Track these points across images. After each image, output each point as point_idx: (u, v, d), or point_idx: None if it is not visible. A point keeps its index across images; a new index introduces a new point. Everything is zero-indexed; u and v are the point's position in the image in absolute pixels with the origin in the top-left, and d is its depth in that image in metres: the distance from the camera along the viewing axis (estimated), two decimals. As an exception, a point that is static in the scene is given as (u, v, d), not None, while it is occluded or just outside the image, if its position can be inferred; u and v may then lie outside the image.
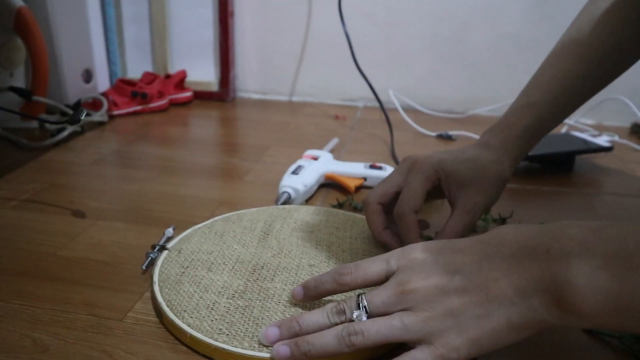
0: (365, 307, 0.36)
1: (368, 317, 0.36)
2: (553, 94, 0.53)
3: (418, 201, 0.49)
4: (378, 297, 0.36)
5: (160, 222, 0.60)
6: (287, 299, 0.43)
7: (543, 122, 0.54)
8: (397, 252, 0.39)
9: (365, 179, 0.71)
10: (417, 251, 0.38)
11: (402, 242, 0.49)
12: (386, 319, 0.35)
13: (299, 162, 0.71)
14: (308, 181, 0.67)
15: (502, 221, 0.62)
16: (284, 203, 0.64)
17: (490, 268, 0.34)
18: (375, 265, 0.38)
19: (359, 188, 0.71)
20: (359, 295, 0.37)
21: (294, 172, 0.68)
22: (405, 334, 0.34)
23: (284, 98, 1.30)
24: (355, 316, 0.36)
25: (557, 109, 0.54)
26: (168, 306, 0.43)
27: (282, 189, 0.65)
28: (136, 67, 1.27)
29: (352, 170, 0.72)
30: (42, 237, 0.56)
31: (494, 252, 0.34)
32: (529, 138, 0.54)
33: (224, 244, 0.52)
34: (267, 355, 0.37)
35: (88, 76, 1.10)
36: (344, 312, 0.37)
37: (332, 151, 0.86)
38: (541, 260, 0.32)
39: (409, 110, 1.14)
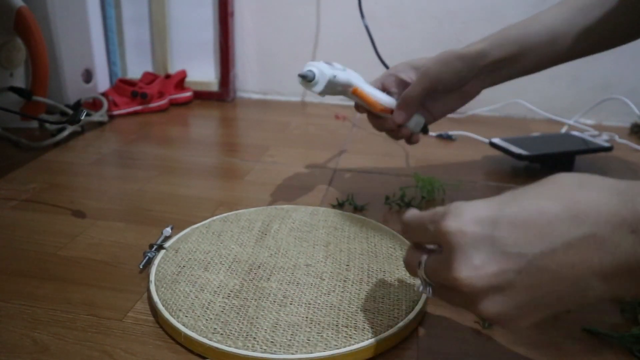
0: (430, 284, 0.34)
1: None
2: (528, 34, 0.65)
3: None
4: (435, 277, 0.33)
5: (160, 222, 0.60)
6: (282, 298, 0.43)
7: (510, 47, 0.65)
8: (440, 214, 0.32)
9: (391, 111, 0.63)
10: (466, 220, 0.30)
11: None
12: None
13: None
14: (339, 75, 0.57)
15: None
16: (304, 78, 0.55)
17: (564, 252, 0.28)
18: (424, 234, 0.34)
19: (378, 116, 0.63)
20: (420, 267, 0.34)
21: (328, 63, 0.58)
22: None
23: (284, 98, 1.30)
24: (420, 290, 0.35)
25: (529, 44, 0.64)
26: (163, 305, 0.43)
27: (308, 67, 0.56)
28: (136, 67, 1.27)
29: (381, 96, 0.62)
30: (42, 237, 0.57)
31: (566, 230, 0.29)
32: (489, 50, 0.63)
33: (222, 243, 0.52)
34: (261, 354, 0.37)
35: (88, 76, 1.10)
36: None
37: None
38: (626, 242, 0.27)
39: (408, 110, 1.14)
